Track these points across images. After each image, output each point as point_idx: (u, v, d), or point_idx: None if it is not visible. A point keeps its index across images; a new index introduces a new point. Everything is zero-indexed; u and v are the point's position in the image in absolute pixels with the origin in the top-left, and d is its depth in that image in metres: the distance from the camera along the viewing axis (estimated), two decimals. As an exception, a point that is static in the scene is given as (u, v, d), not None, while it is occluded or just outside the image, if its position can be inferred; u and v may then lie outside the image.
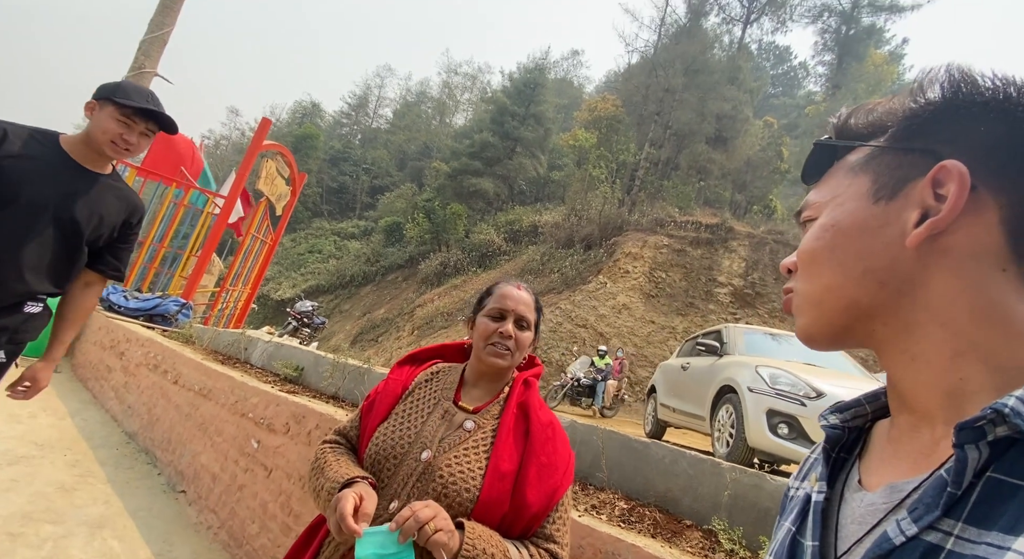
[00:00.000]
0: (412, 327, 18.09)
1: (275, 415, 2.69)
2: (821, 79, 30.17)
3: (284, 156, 9.03)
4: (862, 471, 0.42)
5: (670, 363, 5.93)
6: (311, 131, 38.61)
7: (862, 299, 0.39)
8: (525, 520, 0.94)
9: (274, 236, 9.68)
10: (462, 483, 0.92)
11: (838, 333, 0.42)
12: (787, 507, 0.50)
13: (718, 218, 17.52)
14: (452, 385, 1.10)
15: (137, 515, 2.66)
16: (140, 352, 4.31)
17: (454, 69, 47.21)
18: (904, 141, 0.40)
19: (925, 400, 0.38)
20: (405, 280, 23.63)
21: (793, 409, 3.31)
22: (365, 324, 21.09)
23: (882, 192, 0.39)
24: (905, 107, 0.40)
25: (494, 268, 20.17)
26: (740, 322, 13.86)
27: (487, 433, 1.00)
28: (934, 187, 0.37)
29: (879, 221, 0.39)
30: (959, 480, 0.31)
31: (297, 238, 33.48)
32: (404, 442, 0.98)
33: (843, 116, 0.46)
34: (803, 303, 0.44)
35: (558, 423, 1.08)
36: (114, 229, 1.61)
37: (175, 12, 6.61)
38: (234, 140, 49.37)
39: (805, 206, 0.46)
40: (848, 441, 0.45)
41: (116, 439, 3.74)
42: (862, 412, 0.45)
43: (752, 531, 1.62)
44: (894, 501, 0.36)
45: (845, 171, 0.43)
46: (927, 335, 0.37)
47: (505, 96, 27.66)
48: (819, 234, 0.43)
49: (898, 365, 0.39)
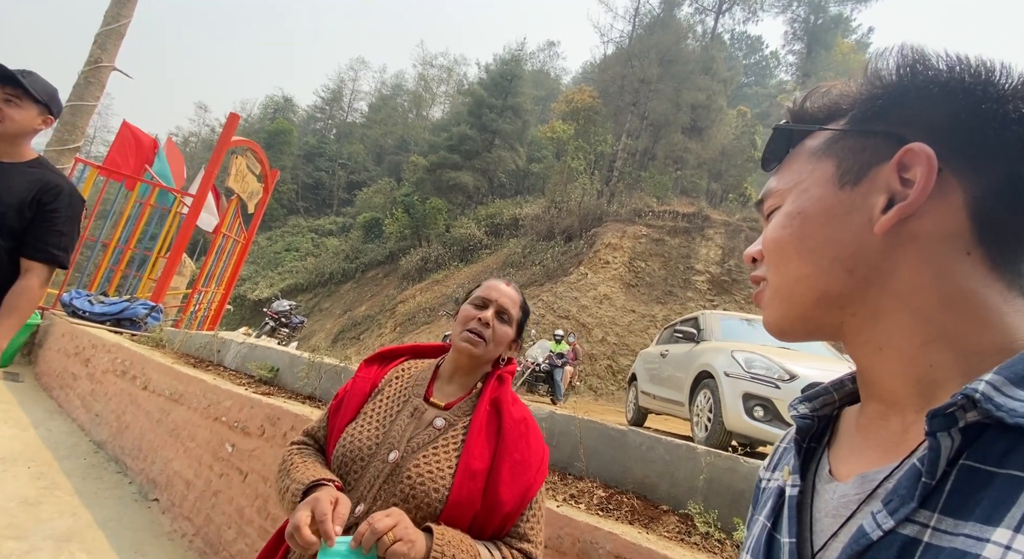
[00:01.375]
0: (394, 324, 17.93)
1: (249, 418, 2.62)
2: (792, 68, 30.77)
3: (255, 152, 8.78)
4: (832, 460, 0.42)
5: (649, 351, 6.01)
6: (284, 126, 37.70)
7: (832, 289, 0.39)
8: (498, 519, 0.92)
9: (247, 235, 9.43)
10: (430, 483, 0.90)
11: (808, 326, 0.41)
12: (760, 499, 0.49)
13: (695, 207, 17.78)
14: (424, 380, 1.07)
15: (107, 526, 2.57)
16: (107, 358, 4.16)
17: (429, 61, 46.59)
18: (865, 124, 0.39)
19: (894, 388, 0.37)
20: (386, 276, 23.39)
21: (768, 392, 3.39)
22: (346, 322, 20.83)
23: (847, 177, 0.38)
24: (862, 89, 0.39)
25: (476, 262, 20.11)
26: (718, 308, 14.12)
27: (458, 430, 0.98)
28: (899, 171, 0.36)
29: (845, 207, 0.38)
30: (933, 469, 0.30)
31: (273, 236, 32.79)
32: (371, 442, 0.95)
33: (799, 100, 0.44)
34: (774, 296, 0.43)
35: (532, 418, 1.07)
36: (22, 209, 1.56)
37: (132, 3, 6.31)
38: (203, 137, 47.95)
39: (767, 194, 0.45)
40: (817, 430, 0.45)
41: (84, 449, 3.61)
42: (830, 400, 0.45)
43: (727, 513, 1.65)
44: (866, 491, 0.35)
45: (807, 156, 0.42)
46: (895, 323, 0.36)
47: (482, 88, 27.43)
48: (785, 222, 0.41)
49: (866, 354, 0.39)
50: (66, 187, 1.65)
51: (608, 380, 13.54)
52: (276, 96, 48.06)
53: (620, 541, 1.44)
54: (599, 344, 14.02)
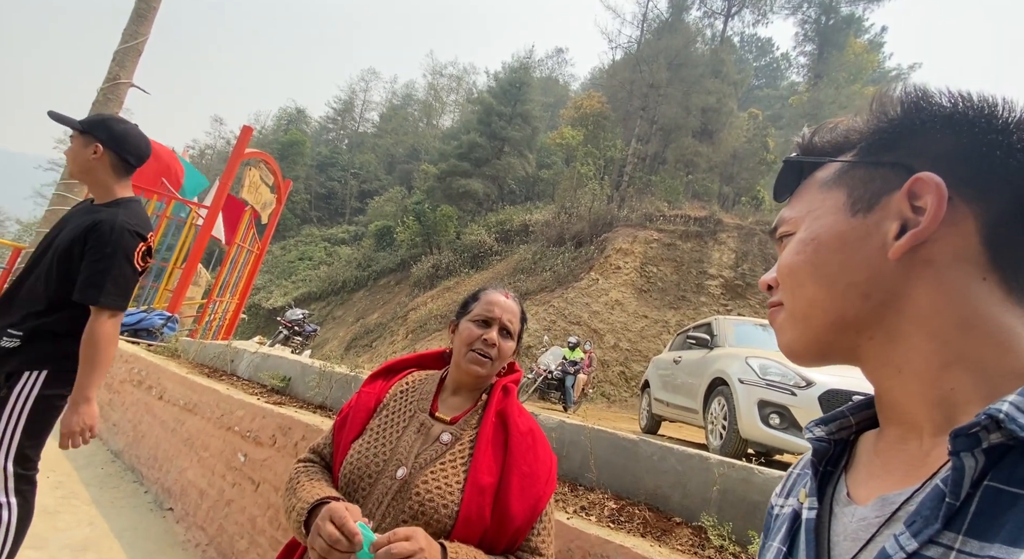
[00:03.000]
0: (406, 331, 18.00)
1: (261, 427, 2.64)
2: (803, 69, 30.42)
3: (267, 164, 8.93)
4: (850, 484, 0.41)
5: (662, 357, 5.94)
6: (297, 137, 38.31)
7: (847, 313, 0.39)
8: (509, 534, 0.91)
9: (261, 245, 9.58)
10: (439, 500, 0.89)
11: (823, 349, 0.42)
12: (772, 526, 0.48)
13: (706, 211, 17.60)
14: (429, 395, 1.07)
15: (123, 536, 2.60)
16: (124, 368, 4.23)
17: (439, 71, 47.06)
18: (874, 155, 0.40)
19: (914, 411, 0.37)
20: (397, 284, 23.53)
21: (784, 399, 3.32)
22: (359, 330, 20.97)
23: (859, 205, 0.40)
24: (869, 123, 0.41)
25: (486, 269, 20.14)
26: (732, 313, 13.93)
27: (465, 445, 0.97)
28: (910, 199, 0.37)
29: (858, 233, 0.39)
30: (957, 490, 0.30)
31: (287, 246, 33.23)
32: (379, 459, 0.94)
33: (808, 135, 0.46)
34: (788, 319, 0.43)
35: (539, 429, 1.06)
36: (71, 248, 1.57)
37: (149, 21, 6.50)
38: (219, 149, 48.89)
39: (780, 222, 0.46)
40: (834, 454, 0.45)
41: (101, 458, 3.67)
42: (847, 424, 0.45)
43: (741, 525, 1.61)
44: (886, 514, 0.35)
45: (818, 186, 0.43)
46: (913, 346, 0.37)
47: (491, 96, 27.59)
48: (799, 248, 0.42)
49: (885, 377, 0.39)
50: (108, 222, 1.57)
51: (621, 387, 13.40)
52: (289, 108, 48.94)
53: (632, 555, 1.41)
54: (611, 350, 13.89)
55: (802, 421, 3.21)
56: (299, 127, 44.82)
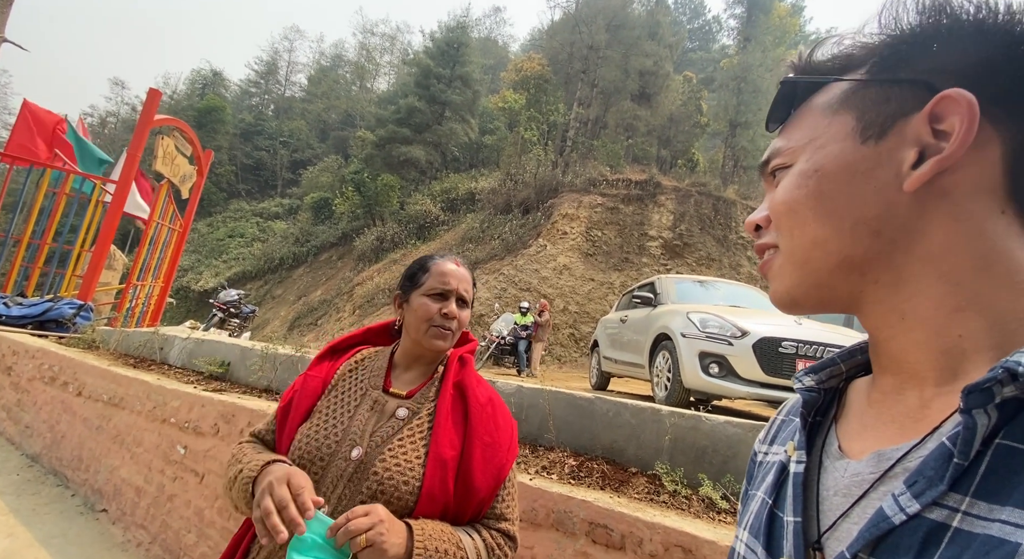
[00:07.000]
0: (353, 307, 17.48)
1: (201, 417, 2.48)
2: (733, 32, 31.25)
3: (183, 132, 8.07)
4: (841, 436, 0.39)
5: (609, 317, 6.15)
6: (216, 103, 34.91)
7: (855, 253, 0.35)
8: (474, 505, 0.90)
9: (184, 222, 8.78)
10: (399, 477, 0.85)
11: (824, 294, 0.38)
12: (756, 474, 0.47)
13: (646, 174, 18.06)
14: (380, 371, 1.01)
15: (51, 543, 2.39)
16: (32, 365, 3.80)
17: (370, 29, 44.23)
18: (889, 72, 0.35)
19: (916, 360, 0.34)
20: (340, 258, 22.61)
21: (721, 349, 3.54)
22: (302, 308, 20.11)
23: (870, 130, 0.35)
24: (882, 36, 0.36)
25: (434, 239, 19.74)
26: (671, 272, 14.62)
27: (423, 419, 0.94)
28: (931, 122, 0.33)
29: (869, 163, 0.35)
30: (967, 449, 0.27)
31: (214, 222, 30.82)
32: (330, 441, 0.89)
33: (806, 53, 0.41)
34: (786, 262, 0.39)
35: (498, 397, 1.04)
36: None
37: (15, -39, 5.51)
38: (124, 116, 43.70)
39: (775, 153, 0.41)
40: (823, 403, 0.42)
41: (15, 464, 3.32)
42: (837, 372, 0.42)
43: (692, 470, 1.72)
44: (881, 470, 0.33)
45: (820, 111, 0.38)
46: (922, 290, 0.33)
47: (428, 57, 26.27)
48: (800, 182, 0.37)
49: (888, 324, 0.36)
50: None
51: (571, 348, 13.86)
52: (203, 70, 44.21)
53: (593, 508, 1.47)
54: (561, 313, 14.25)
55: (738, 369, 3.45)
56: (217, 91, 40.80)
